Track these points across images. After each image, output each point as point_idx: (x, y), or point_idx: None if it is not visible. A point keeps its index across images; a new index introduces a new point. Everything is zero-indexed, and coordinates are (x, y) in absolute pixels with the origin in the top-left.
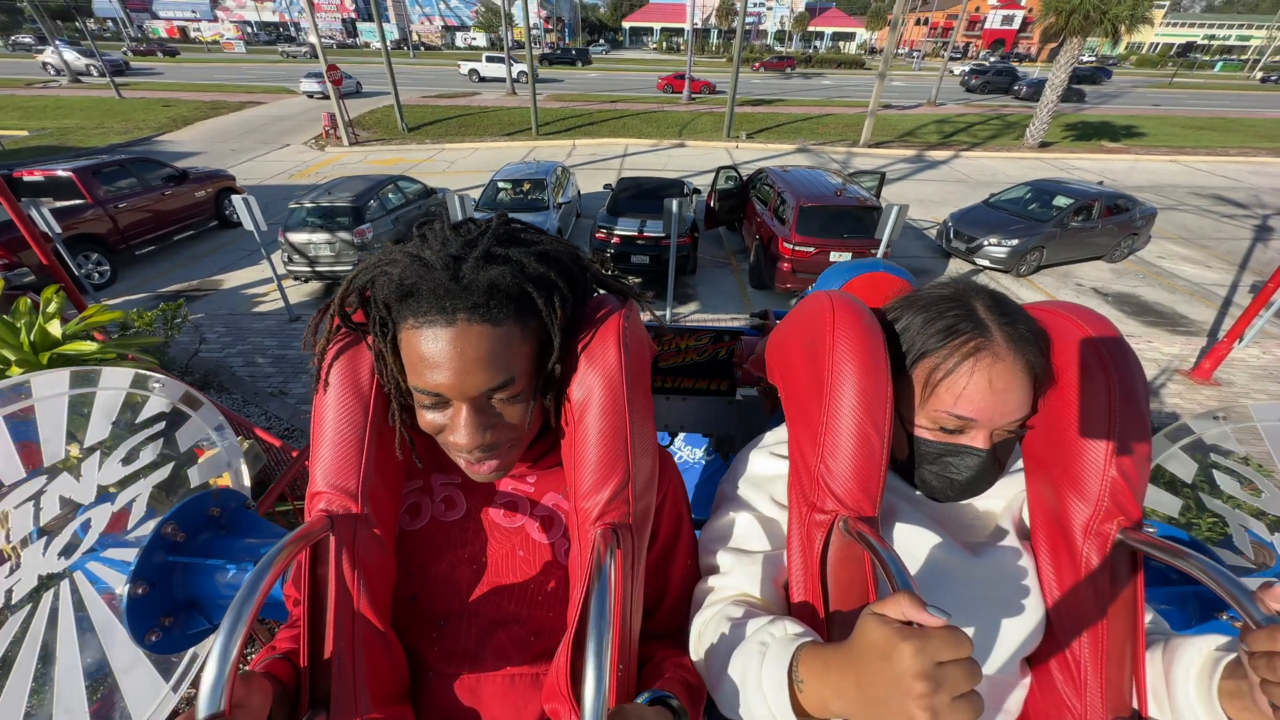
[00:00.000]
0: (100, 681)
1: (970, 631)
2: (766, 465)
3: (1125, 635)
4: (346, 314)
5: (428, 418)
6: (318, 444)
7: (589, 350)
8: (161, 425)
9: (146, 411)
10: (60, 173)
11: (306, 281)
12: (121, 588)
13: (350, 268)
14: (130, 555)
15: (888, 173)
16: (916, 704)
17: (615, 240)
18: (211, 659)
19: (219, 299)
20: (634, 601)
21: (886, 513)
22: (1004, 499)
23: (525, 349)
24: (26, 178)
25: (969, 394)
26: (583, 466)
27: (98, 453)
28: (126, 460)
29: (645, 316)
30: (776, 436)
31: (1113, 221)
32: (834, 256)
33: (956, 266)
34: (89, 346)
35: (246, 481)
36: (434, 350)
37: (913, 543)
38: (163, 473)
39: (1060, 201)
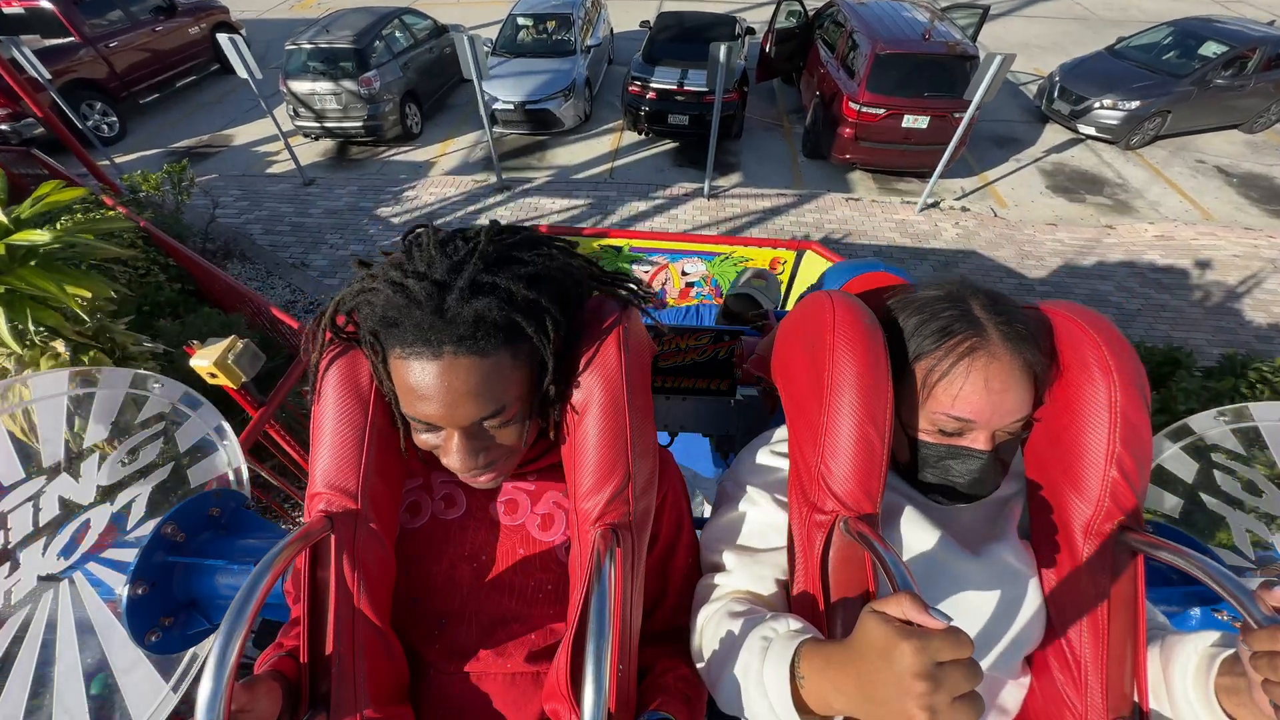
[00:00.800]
0: (100, 682)
1: (971, 631)
2: (768, 464)
3: (1126, 634)
4: (338, 327)
5: (422, 438)
6: (317, 445)
7: (589, 352)
8: (161, 425)
9: (146, 411)
10: (42, 3)
11: (317, 139)
12: (121, 588)
13: (359, 123)
14: (130, 555)
15: (991, 5)
16: (916, 703)
17: (650, 95)
18: (209, 664)
19: (231, 156)
20: (634, 601)
21: (887, 512)
22: (1005, 498)
23: (517, 375)
24: (5, 9)
25: (965, 395)
26: (583, 467)
27: (97, 453)
28: (126, 460)
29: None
30: (778, 436)
31: (1272, 78)
32: (908, 121)
33: (1053, 134)
34: (42, 236)
35: (245, 477)
36: (421, 382)
37: (914, 542)
38: (163, 473)
39: (1209, 49)
